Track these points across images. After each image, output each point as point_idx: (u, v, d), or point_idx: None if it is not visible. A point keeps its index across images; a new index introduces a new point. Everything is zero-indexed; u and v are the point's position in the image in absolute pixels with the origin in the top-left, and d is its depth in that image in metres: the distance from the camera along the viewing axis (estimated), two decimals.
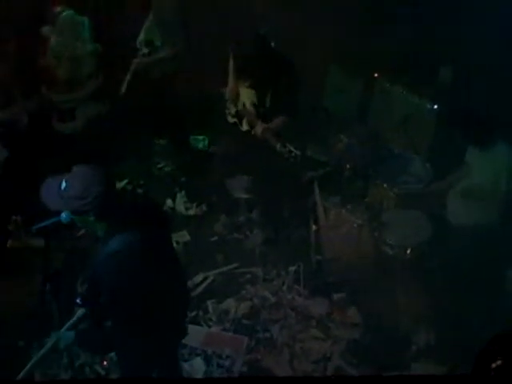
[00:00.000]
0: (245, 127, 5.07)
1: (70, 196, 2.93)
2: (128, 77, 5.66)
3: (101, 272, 2.99)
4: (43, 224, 3.06)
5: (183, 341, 3.82)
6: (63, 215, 3.00)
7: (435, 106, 5.46)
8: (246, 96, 5.03)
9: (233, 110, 5.13)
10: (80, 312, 3.18)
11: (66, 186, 2.95)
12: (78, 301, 3.21)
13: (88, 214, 2.96)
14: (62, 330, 3.12)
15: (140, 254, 3.04)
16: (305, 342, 4.55)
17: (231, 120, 5.10)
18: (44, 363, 3.56)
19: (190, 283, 4.86)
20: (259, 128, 4.96)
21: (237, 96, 5.11)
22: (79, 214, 2.97)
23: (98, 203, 2.93)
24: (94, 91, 5.83)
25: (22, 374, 3.34)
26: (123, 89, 5.64)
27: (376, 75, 5.94)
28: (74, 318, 3.18)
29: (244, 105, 5.05)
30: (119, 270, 2.98)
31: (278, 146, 4.84)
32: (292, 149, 4.83)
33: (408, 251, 4.78)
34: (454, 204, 4.76)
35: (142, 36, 5.79)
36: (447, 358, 4.35)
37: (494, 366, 2.11)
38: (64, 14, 5.64)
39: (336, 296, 4.85)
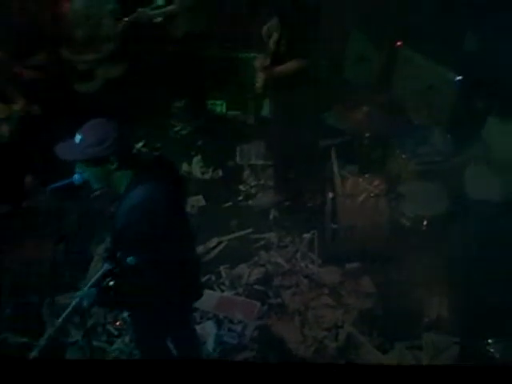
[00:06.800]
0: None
1: (87, 145, 2.93)
2: (125, 19, 5.58)
3: (128, 220, 2.98)
4: (57, 185, 3.07)
5: (196, 304, 3.83)
6: (76, 177, 3.02)
7: (459, 77, 5.33)
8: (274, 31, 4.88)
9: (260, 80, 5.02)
10: (104, 268, 3.16)
11: (81, 138, 2.95)
12: (103, 255, 3.21)
13: (109, 161, 2.95)
14: (85, 288, 3.11)
15: (164, 205, 3.03)
16: (316, 309, 4.55)
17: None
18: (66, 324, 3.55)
19: (203, 248, 4.88)
20: (258, 62, 4.89)
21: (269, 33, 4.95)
22: (100, 163, 2.95)
23: (118, 148, 2.93)
24: (112, 52, 5.78)
25: (44, 338, 3.32)
26: (119, 28, 5.57)
27: (399, 43, 5.81)
28: (98, 275, 3.15)
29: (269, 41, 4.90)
30: (146, 218, 2.97)
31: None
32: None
33: (424, 223, 4.74)
34: (472, 177, 4.69)
35: None
36: (458, 329, 4.34)
37: None
38: None
39: (349, 265, 4.83)
